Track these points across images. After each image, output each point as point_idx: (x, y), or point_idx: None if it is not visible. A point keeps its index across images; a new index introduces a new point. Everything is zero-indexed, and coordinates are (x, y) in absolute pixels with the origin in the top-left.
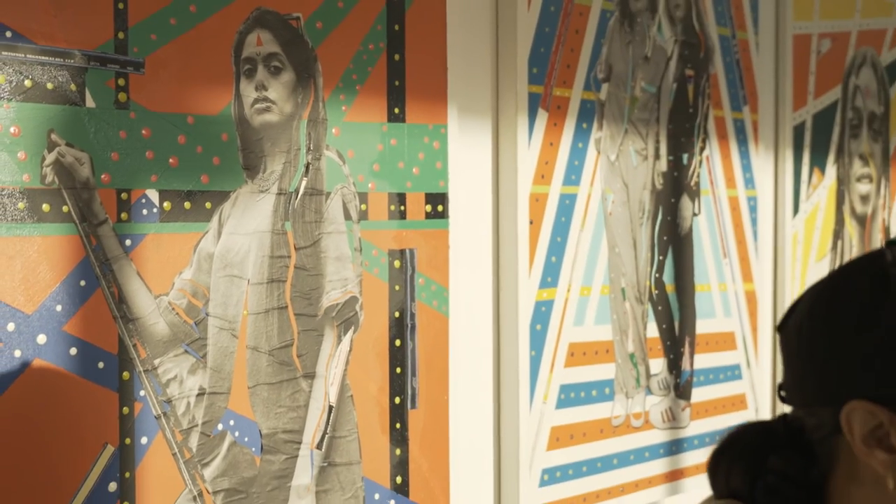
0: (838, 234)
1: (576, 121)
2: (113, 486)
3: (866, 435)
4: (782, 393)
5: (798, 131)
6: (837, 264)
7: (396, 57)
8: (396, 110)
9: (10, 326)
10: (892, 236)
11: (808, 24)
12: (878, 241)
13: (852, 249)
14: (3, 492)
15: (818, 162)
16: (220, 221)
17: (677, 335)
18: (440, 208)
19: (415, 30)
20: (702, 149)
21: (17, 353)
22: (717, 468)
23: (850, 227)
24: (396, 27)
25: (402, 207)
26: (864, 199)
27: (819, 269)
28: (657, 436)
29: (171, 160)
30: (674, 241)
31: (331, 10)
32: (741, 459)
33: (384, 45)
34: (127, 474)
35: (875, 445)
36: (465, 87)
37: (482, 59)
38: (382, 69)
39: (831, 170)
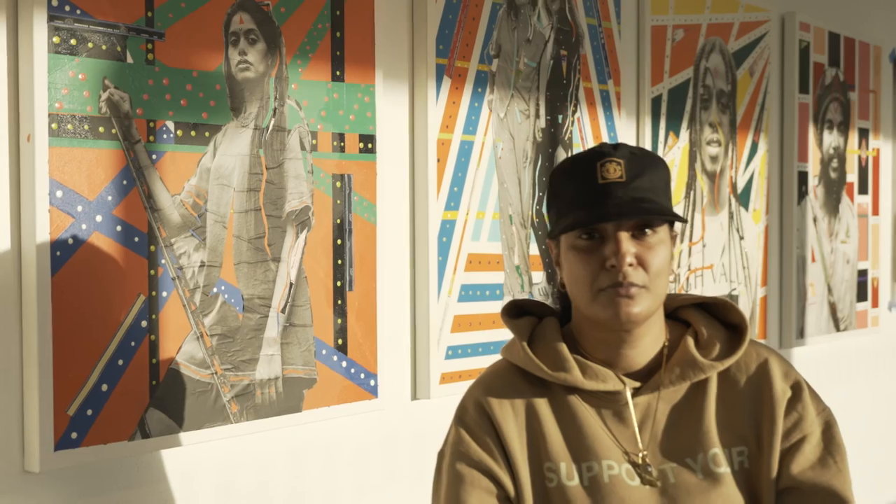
0: (690, 185)
1: (472, 86)
2: (144, 324)
3: (554, 259)
4: None
5: (656, 102)
6: (690, 209)
7: (338, 34)
8: (338, 73)
9: (79, 208)
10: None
11: (664, 17)
12: (725, 192)
13: (703, 198)
14: (73, 321)
15: (673, 127)
16: (215, 146)
17: None
18: (370, 146)
19: (352, 15)
20: (574, 112)
21: (84, 227)
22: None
23: (702, 181)
24: (338, 12)
25: (342, 144)
26: (714, 159)
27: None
28: None
29: (182, 101)
30: None
31: None
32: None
33: (329, 25)
34: (153, 316)
35: (558, 265)
36: (389, 57)
37: (401, 37)
38: (328, 43)
39: (684, 134)
